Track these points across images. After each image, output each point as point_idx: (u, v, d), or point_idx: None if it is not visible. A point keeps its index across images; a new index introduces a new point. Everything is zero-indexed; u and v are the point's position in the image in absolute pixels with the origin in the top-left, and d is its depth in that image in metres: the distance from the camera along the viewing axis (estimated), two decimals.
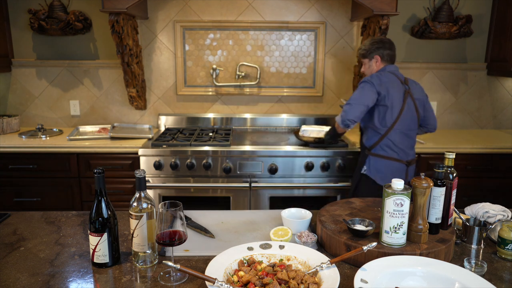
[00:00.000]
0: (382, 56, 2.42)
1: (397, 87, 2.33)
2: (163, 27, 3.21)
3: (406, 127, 2.37)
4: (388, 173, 2.38)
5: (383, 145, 2.38)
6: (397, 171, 2.39)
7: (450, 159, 1.40)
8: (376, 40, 2.44)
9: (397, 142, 2.36)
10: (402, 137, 2.37)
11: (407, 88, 2.37)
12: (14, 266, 1.26)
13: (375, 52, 2.42)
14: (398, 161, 2.38)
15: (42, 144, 2.77)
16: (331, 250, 1.35)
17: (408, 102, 2.36)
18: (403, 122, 2.34)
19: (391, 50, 2.42)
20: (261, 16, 3.21)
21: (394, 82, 2.34)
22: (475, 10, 3.23)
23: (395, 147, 2.36)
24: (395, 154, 2.37)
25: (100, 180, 1.24)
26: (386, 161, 2.38)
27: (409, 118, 2.36)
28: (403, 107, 2.33)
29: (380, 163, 2.40)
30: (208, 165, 2.70)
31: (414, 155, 2.47)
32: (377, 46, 2.41)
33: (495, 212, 1.51)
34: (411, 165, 2.43)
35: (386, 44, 2.42)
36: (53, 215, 1.65)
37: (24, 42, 3.22)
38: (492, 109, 3.42)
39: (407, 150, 2.40)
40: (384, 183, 2.34)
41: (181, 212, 1.19)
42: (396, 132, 2.35)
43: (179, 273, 1.20)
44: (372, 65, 2.45)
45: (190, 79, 3.31)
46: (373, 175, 2.41)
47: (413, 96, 2.37)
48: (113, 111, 3.34)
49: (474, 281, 1.10)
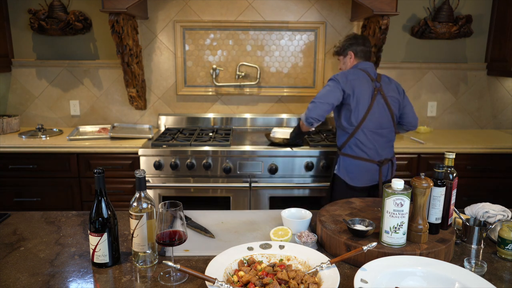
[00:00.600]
0: (356, 53, 2.41)
1: (365, 85, 2.29)
2: (163, 27, 3.21)
3: (376, 126, 2.31)
4: (358, 173, 2.34)
5: (352, 144, 2.34)
6: (368, 171, 2.34)
7: (450, 159, 1.40)
8: (350, 37, 2.43)
9: (366, 141, 2.31)
10: (373, 136, 2.31)
11: (378, 85, 2.32)
12: (14, 266, 1.26)
13: (349, 49, 2.41)
14: (368, 161, 2.33)
15: (42, 144, 2.77)
16: (331, 250, 1.35)
17: (377, 100, 2.31)
18: (371, 121, 2.30)
19: (364, 46, 2.40)
20: (261, 16, 3.21)
21: (362, 79, 2.31)
22: (475, 10, 3.23)
23: (364, 146, 2.31)
24: (364, 154, 2.32)
25: (100, 180, 1.24)
26: (356, 161, 2.33)
27: (379, 116, 2.31)
28: (370, 106, 2.28)
29: (349, 163, 2.36)
30: (208, 165, 2.70)
31: (389, 155, 2.39)
32: (350, 43, 2.41)
33: (495, 212, 1.51)
34: (385, 165, 2.36)
35: (359, 40, 2.40)
36: (53, 215, 1.65)
37: (24, 42, 3.22)
38: (492, 109, 3.42)
39: (379, 150, 2.33)
40: (354, 184, 2.35)
41: (181, 212, 1.19)
42: (364, 131, 2.30)
43: (179, 273, 1.20)
44: (346, 61, 2.44)
45: (190, 79, 3.31)
46: (343, 175, 2.38)
47: (384, 94, 2.32)
48: (113, 111, 3.35)
49: (474, 281, 1.10)
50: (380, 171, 2.34)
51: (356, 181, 2.36)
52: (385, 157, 2.36)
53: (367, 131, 2.30)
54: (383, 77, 2.38)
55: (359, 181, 2.36)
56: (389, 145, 2.40)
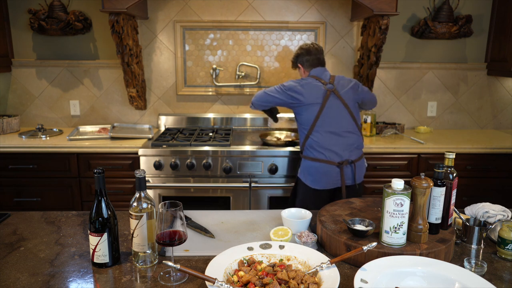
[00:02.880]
0: (303, 63, 2.50)
1: (314, 89, 2.34)
2: (163, 27, 3.21)
3: (333, 126, 2.31)
4: (317, 175, 2.32)
5: (308, 146, 2.36)
6: (327, 173, 2.31)
7: (450, 159, 1.40)
8: (297, 49, 2.54)
9: (323, 141, 2.31)
10: (330, 136, 2.31)
11: (330, 87, 2.34)
12: (14, 266, 1.26)
13: (297, 61, 2.53)
14: (327, 163, 2.30)
15: (42, 144, 2.77)
16: (331, 250, 1.35)
17: (331, 100, 2.32)
18: (326, 121, 2.31)
19: (310, 55, 2.47)
20: (261, 16, 3.21)
21: (311, 84, 2.36)
22: (475, 10, 3.23)
23: (320, 147, 2.31)
24: (322, 155, 2.31)
25: (100, 180, 1.24)
26: (315, 163, 2.33)
27: (335, 116, 2.32)
28: (323, 106, 2.31)
29: (309, 165, 2.35)
30: (208, 165, 2.70)
31: (353, 157, 2.33)
32: (297, 55, 2.53)
33: (495, 212, 1.51)
34: (345, 166, 2.31)
35: (304, 50, 2.49)
36: (53, 215, 1.65)
37: (24, 42, 3.22)
38: (492, 109, 3.42)
39: (338, 151, 2.30)
40: (316, 186, 2.34)
41: (181, 212, 1.19)
42: (319, 131, 2.31)
43: (179, 273, 1.20)
44: (301, 73, 2.55)
45: (190, 79, 3.31)
46: (304, 178, 2.38)
47: (339, 94, 2.33)
48: (113, 111, 3.35)
49: (474, 281, 1.10)
50: (342, 173, 2.30)
51: (316, 184, 2.34)
52: (346, 159, 2.31)
53: (323, 131, 2.32)
54: (337, 77, 2.42)
55: (320, 184, 2.33)
56: (352, 147, 2.35)
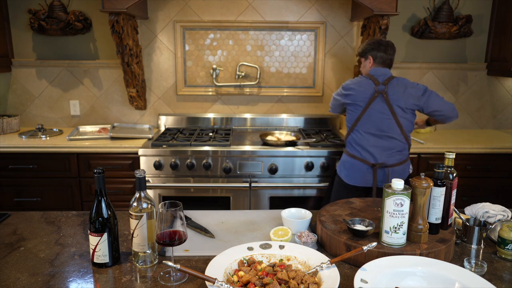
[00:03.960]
0: (375, 58, 2.40)
1: (364, 88, 2.34)
2: (163, 27, 3.21)
3: (374, 128, 2.32)
4: (351, 171, 2.40)
5: (348, 142, 2.44)
6: (360, 171, 2.35)
7: (450, 159, 1.40)
8: (374, 41, 2.42)
9: (361, 141, 2.36)
10: (369, 138, 2.34)
11: (382, 88, 2.30)
12: (14, 266, 1.26)
13: (369, 53, 2.42)
14: (361, 161, 2.35)
15: (42, 144, 2.77)
16: (331, 250, 1.35)
17: (377, 103, 2.30)
18: (367, 122, 2.33)
19: (385, 53, 2.37)
20: (261, 16, 3.21)
21: (363, 83, 2.36)
22: (475, 10, 3.23)
23: (358, 146, 2.37)
24: (357, 153, 2.37)
25: (100, 180, 1.24)
26: (350, 158, 2.40)
27: (377, 119, 2.31)
28: (366, 107, 2.32)
29: (345, 160, 2.44)
30: (208, 165, 2.70)
31: (392, 160, 2.32)
32: (372, 47, 2.42)
33: (495, 212, 1.51)
34: (380, 168, 2.31)
35: (381, 46, 2.38)
36: (53, 215, 1.65)
37: (24, 42, 3.22)
38: (492, 109, 3.42)
39: (374, 153, 2.32)
40: (347, 181, 2.40)
41: (181, 212, 1.19)
42: (359, 131, 2.37)
43: (179, 273, 1.20)
44: (366, 65, 2.46)
45: (190, 79, 3.31)
46: (339, 171, 2.46)
47: (387, 97, 2.29)
48: (113, 111, 3.34)
49: (474, 281, 1.10)
50: (375, 174, 2.31)
51: (349, 179, 2.41)
52: (382, 162, 2.32)
53: (362, 131, 2.36)
54: (396, 80, 2.33)
55: (352, 180, 2.40)
56: (392, 152, 2.33)
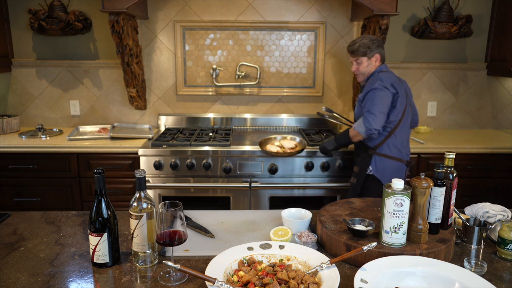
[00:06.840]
0: (382, 55, 2.38)
1: (399, 85, 2.33)
2: (163, 27, 3.21)
3: (408, 124, 2.40)
4: (391, 172, 2.37)
5: (390, 143, 2.34)
6: (398, 170, 2.38)
7: (450, 159, 1.40)
8: (375, 38, 2.40)
9: (402, 140, 2.37)
10: (406, 134, 2.39)
11: (405, 85, 2.40)
12: (14, 266, 1.26)
13: (376, 51, 2.35)
14: (400, 161, 2.38)
15: (42, 144, 2.77)
16: (331, 250, 1.35)
17: (408, 99, 2.38)
18: (407, 119, 2.37)
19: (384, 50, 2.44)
20: (261, 16, 3.21)
21: (396, 79, 2.34)
22: (475, 10, 3.23)
23: (401, 145, 2.37)
24: (399, 154, 2.37)
25: (100, 180, 1.24)
26: (391, 160, 2.37)
27: (409, 115, 2.39)
28: (406, 104, 2.34)
29: (385, 163, 2.37)
30: (208, 165, 2.70)
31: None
32: (377, 44, 2.37)
33: (495, 212, 1.51)
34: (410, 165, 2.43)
35: (381, 42, 2.43)
36: (53, 215, 1.65)
37: (24, 42, 3.21)
38: (492, 109, 3.42)
39: (406, 150, 2.42)
40: None
41: (181, 212, 1.19)
42: (401, 130, 2.35)
43: (179, 273, 1.20)
44: (371, 63, 2.37)
45: (190, 79, 3.31)
46: (380, 175, 2.37)
47: (407, 93, 2.39)
48: (113, 111, 3.34)
49: (474, 281, 1.10)
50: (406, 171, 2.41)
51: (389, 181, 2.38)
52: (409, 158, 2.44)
53: (405, 129, 2.37)
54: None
55: None
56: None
